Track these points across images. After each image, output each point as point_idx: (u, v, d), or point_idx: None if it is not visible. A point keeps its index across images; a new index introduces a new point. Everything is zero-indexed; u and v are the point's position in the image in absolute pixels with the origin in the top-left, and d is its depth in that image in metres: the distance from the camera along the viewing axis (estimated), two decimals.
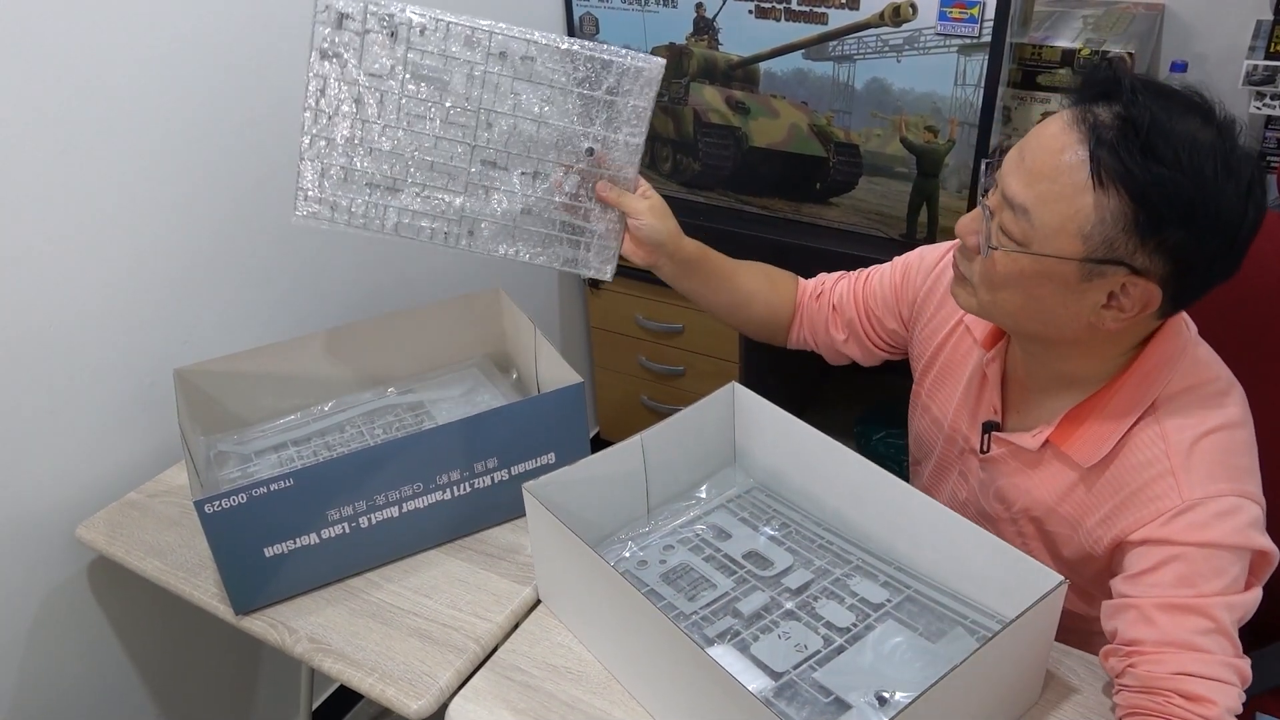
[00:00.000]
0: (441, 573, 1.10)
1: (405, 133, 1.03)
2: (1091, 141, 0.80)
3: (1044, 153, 0.83)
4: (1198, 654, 0.82)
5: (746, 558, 1.04)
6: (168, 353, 1.31)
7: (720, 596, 1.00)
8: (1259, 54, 1.61)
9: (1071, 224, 0.81)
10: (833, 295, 1.21)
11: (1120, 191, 0.79)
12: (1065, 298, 0.85)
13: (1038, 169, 0.83)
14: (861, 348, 1.20)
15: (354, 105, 1.02)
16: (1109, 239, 0.81)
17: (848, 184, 1.74)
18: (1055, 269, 0.84)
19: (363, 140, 1.03)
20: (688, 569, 1.03)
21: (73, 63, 1.13)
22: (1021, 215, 0.84)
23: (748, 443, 1.14)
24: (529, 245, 1.10)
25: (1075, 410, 0.94)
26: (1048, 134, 0.83)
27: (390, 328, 1.33)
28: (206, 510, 0.97)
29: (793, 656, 0.92)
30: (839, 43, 1.61)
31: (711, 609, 0.98)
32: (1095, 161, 0.79)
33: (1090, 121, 0.81)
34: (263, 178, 1.39)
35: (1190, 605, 0.83)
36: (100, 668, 1.35)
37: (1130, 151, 0.78)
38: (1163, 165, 0.78)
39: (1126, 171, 0.78)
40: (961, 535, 0.91)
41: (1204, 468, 0.86)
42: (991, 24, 1.46)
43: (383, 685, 0.97)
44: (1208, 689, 0.80)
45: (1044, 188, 0.82)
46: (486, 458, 1.11)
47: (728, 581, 1.01)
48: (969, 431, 1.06)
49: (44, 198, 1.14)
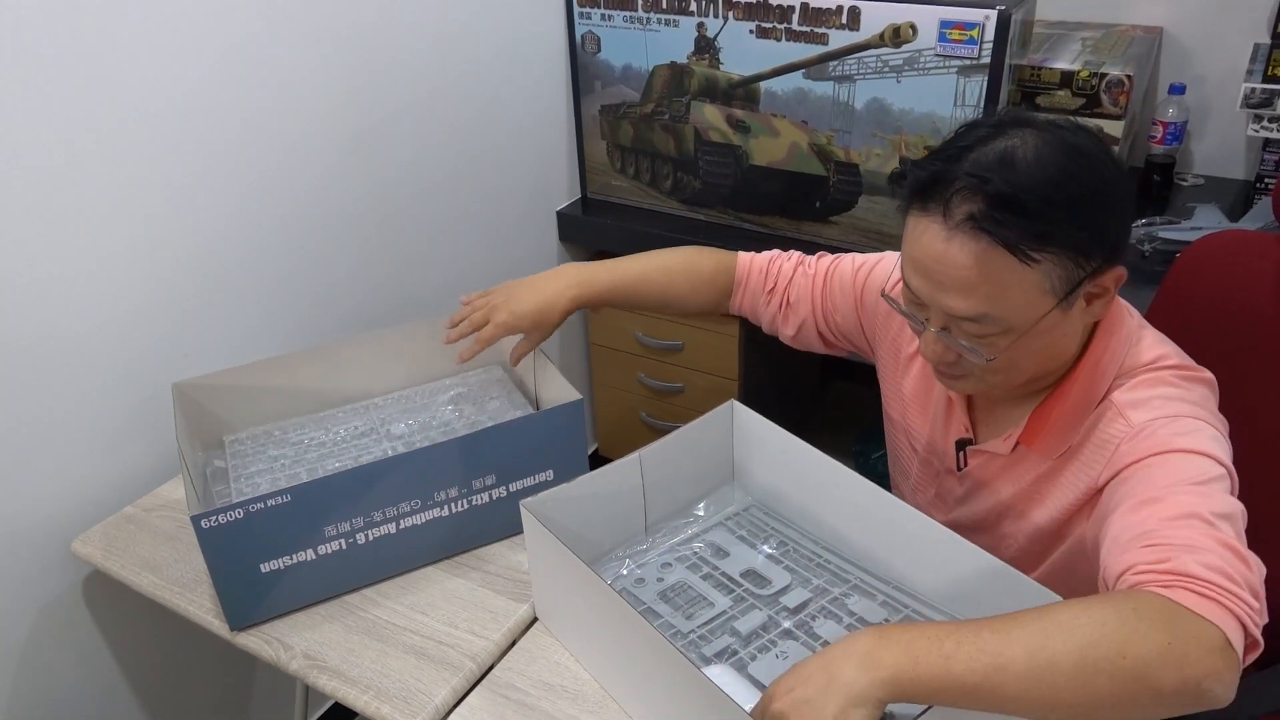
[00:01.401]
0: (438, 590, 1.10)
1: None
2: (989, 236, 0.83)
3: (956, 269, 0.85)
4: (1206, 531, 0.75)
5: (744, 576, 1.04)
6: (166, 367, 1.31)
7: (718, 615, 0.99)
8: (1257, 77, 1.62)
9: (1033, 294, 0.85)
10: (788, 289, 1.21)
11: (1047, 248, 0.83)
12: (1062, 328, 0.90)
13: (963, 284, 0.86)
14: (823, 343, 1.22)
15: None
16: (1066, 276, 0.85)
17: (848, 203, 1.74)
18: (1044, 323, 0.88)
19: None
20: (685, 587, 1.03)
21: (77, 80, 1.14)
22: (985, 321, 0.87)
23: (746, 460, 1.14)
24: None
25: (1039, 409, 0.97)
26: (941, 252, 0.85)
27: (390, 343, 1.33)
28: (203, 525, 0.97)
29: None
30: (839, 63, 1.62)
31: (709, 628, 0.98)
32: (1010, 248, 0.83)
33: (967, 223, 0.83)
34: (264, 193, 1.40)
35: (1158, 497, 0.80)
36: (94, 682, 1.35)
37: (1026, 219, 0.82)
38: (1054, 206, 0.82)
39: (1038, 234, 0.82)
40: (958, 554, 0.91)
41: (1158, 408, 0.89)
42: (990, 46, 1.47)
43: (378, 703, 0.96)
44: (1217, 560, 0.72)
45: (985, 291, 0.85)
46: (484, 475, 1.11)
47: (725, 600, 1.01)
48: (944, 453, 1.08)
49: (45, 212, 1.14)
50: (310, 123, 1.44)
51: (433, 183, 1.69)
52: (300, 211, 1.46)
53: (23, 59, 1.08)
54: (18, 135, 1.09)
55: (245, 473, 1.20)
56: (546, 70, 1.89)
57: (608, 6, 1.80)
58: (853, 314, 1.17)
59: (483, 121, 1.76)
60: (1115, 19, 1.87)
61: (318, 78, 1.43)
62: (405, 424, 1.29)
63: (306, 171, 1.45)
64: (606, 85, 1.90)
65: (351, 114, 1.50)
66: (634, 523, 1.08)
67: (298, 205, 1.45)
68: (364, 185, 1.56)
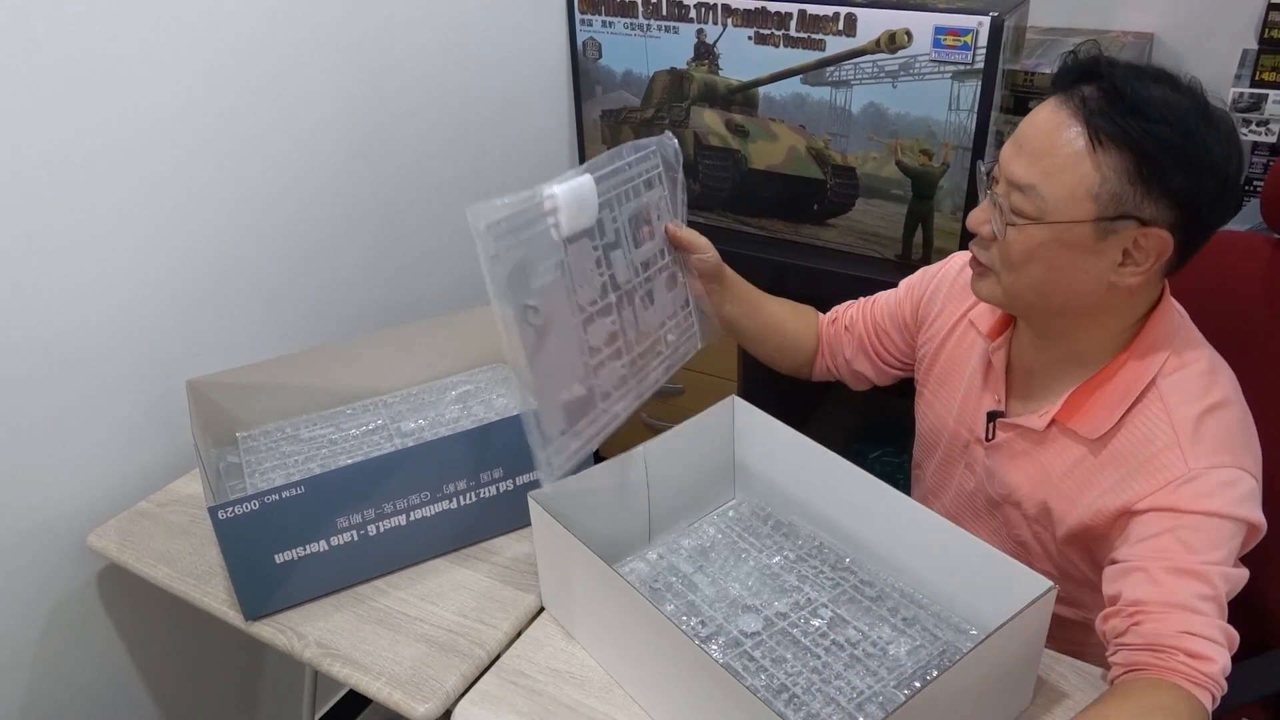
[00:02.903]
0: (447, 580, 1.13)
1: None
2: (1084, 113, 0.87)
3: (1039, 134, 0.90)
4: (1199, 616, 0.86)
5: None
6: (180, 364, 1.34)
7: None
8: (1245, 81, 1.66)
9: (1080, 189, 0.88)
10: (844, 319, 1.27)
11: (1119, 148, 0.86)
12: (1085, 261, 0.91)
13: (1037, 149, 0.90)
14: (873, 366, 1.25)
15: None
16: (1116, 195, 0.87)
17: (845, 205, 1.77)
18: (1071, 235, 0.89)
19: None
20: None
21: (94, 81, 1.17)
22: (1031, 193, 0.90)
23: (746, 455, 1.16)
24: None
25: (1080, 389, 0.99)
26: (1039, 118, 0.91)
27: (399, 340, 1.36)
28: (219, 516, 1.00)
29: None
30: (836, 68, 1.65)
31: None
32: (1091, 129, 0.86)
33: (1077, 97, 0.88)
34: (274, 195, 1.43)
35: (1194, 570, 0.87)
36: (109, 674, 1.37)
37: (1121, 113, 0.86)
38: (1152, 121, 0.85)
39: (1121, 130, 0.86)
40: (958, 545, 0.93)
41: (1208, 441, 0.91)
42: (984, 51, 1.50)
43: (390, 689, 0.99)
44: (1208, 648, 0.84)
45: (1047, 163, 0.89)
46: (492, 468, 1.14)
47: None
48: (974, 422, 1.09)
49: (61, 210, 1.17)
50: (318, 126, 1.47)
51: (437, 185, 1.72)
52: (308, 213, 1.49)
53: (37, 62, 1.11)
54: (32, 136, 1.12)
55: (259, 468, 1.23)
56: (548, 76, 1.92)
57: (609, 13, 1.83)
58: (895, 307, 1.22)
59: (486, 126, 1.79)
60: (1107, 25, 1.90)
61: (325, 83, 1.46)
62: (415, 421, 1.31)
63: (315, 174, 1.48)
64: (607, 91, 1.93)
65: (358, 118, 1.53)
66: (638, 515, 1.10)
67: (306, 207, 1.48)
68: (371, 187, 1.59)
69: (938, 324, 1.16)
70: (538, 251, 0.93)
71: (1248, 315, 1.20)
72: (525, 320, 0.91)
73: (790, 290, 1.32)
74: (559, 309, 0.96)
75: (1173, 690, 0.83)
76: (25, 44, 1.09)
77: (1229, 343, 1.11)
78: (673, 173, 1.11)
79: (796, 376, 1.32)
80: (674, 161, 1.11)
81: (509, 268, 0.89)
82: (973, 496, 1.12)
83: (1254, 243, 1.22)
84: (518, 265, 0.91)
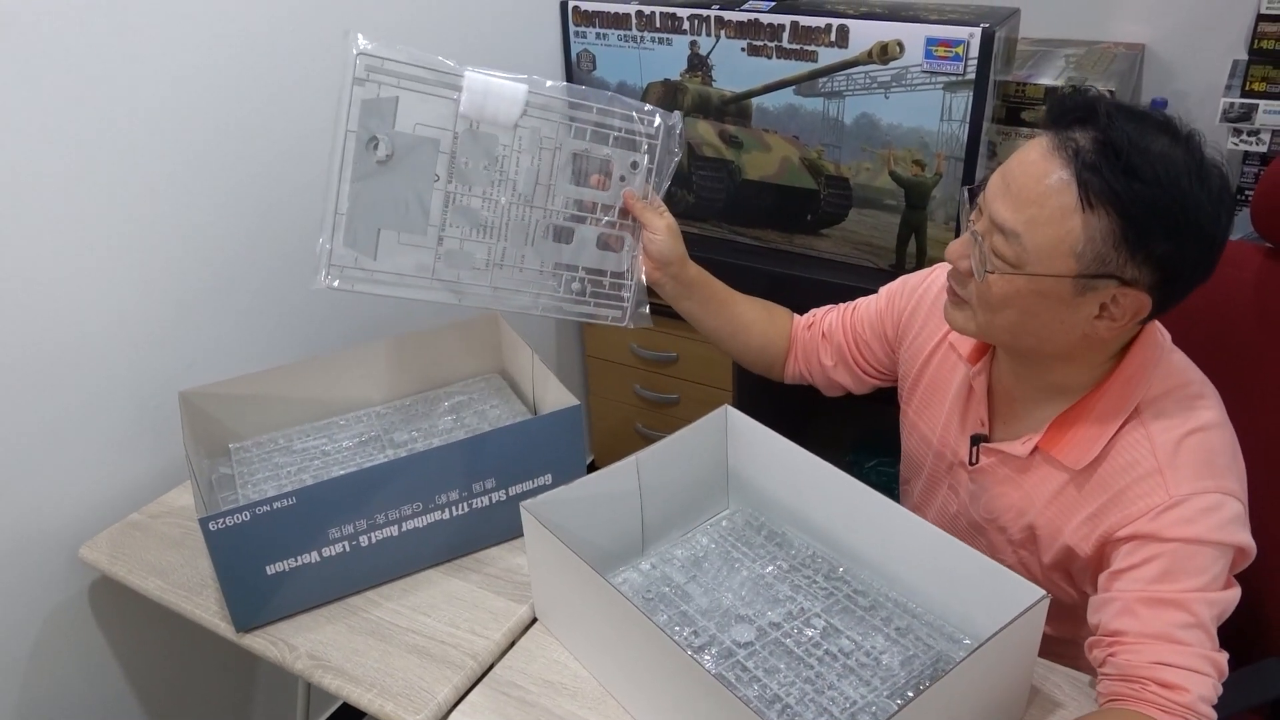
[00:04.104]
0: (439, 591, 1.12)
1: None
2: (1076, 166, 0.84)
3: (1028, 179, 0.87)
4: (1176, 645, 0.85)
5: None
6: (172, 375, 1.34)
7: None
8: (1235, 92, 1.66)
9: (1063, 245, 0.86)
10: (822, 324, 1.25)
11: (1107, 211, 0.84)
12: (1060, 313, 0.90)
13: (1024, 195, 0.87)
14: (851, 374, 1.24)
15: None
16: (1100, 255, 0.85)
17: (838, 216, 1.78)
18: (1050, 287, 0.88)
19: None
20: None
21: (87, 85, 1.17)
22: (1013, 239, 0.88)
23: (740, 464, 1.16)
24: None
25: (1062, 417, 0.98)
26: (1030, 159, 0.88)
27: (391, 351, 1.36)
28: (211, 528, 0.99)
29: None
30: (829, 79, 1.66)
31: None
32: (1082, 185, 0.84)
33: (1071, 147, 0.85)
34: (269, 202, 1.43)
35: (1171, 599, 0.86)
36: (100, 686, 1.37)
37: (1114, 173, 0.83)
38: (1144, 183, 0.83)
39: (1112, 192, 0.83)
40: (951, 555, 0.93)
41: (1189, 466, 0.90)
42: (976, 62, 1.51)
43: (381, 700, 0.99)
44: (1182, 678, 0.84)
45: (1033, 212, 0.86)
46: (485, 478, 1.14)
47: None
48: (957, 445, 1.09)
49: (53, 219, 1.17)
50: (315, 137, 1.47)
51: None
52: (303, 224, 1.49)
53: (31, 64, 1.11)
54: (25, 141, 1.12)
55: (251, 479, 1.22)
56: None
57: (603, 25, 1.84)
58: (876, 318, 1.20)
59: None
60: (1098, 36, 1.91)
61: (322, 93, 1.46)
62: (408, 432, 1.31)
63: (310, 186, 1.48)
64: None
65: None
66: (631, 525, 1.10)
67: (301, 218, 1.48)
68: None
69: (919, 342, 1.15)
70: (422, 105, 1.02)
71: (1239, 323, 1.20)
72: (368, 146, 1.02)
73: (784, 300, 1.31)
74: (417, 162, 1.04)
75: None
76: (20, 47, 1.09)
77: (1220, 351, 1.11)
78: (663, 147, 1.11)
79: (768, 377, 1.31)
80: (669, 137, 1.11)
81: (375, 96, 1.01)
82: (956, 519, 1.12)
83: (1245, 251, 1.23)
84: (388, 101, 1.01)
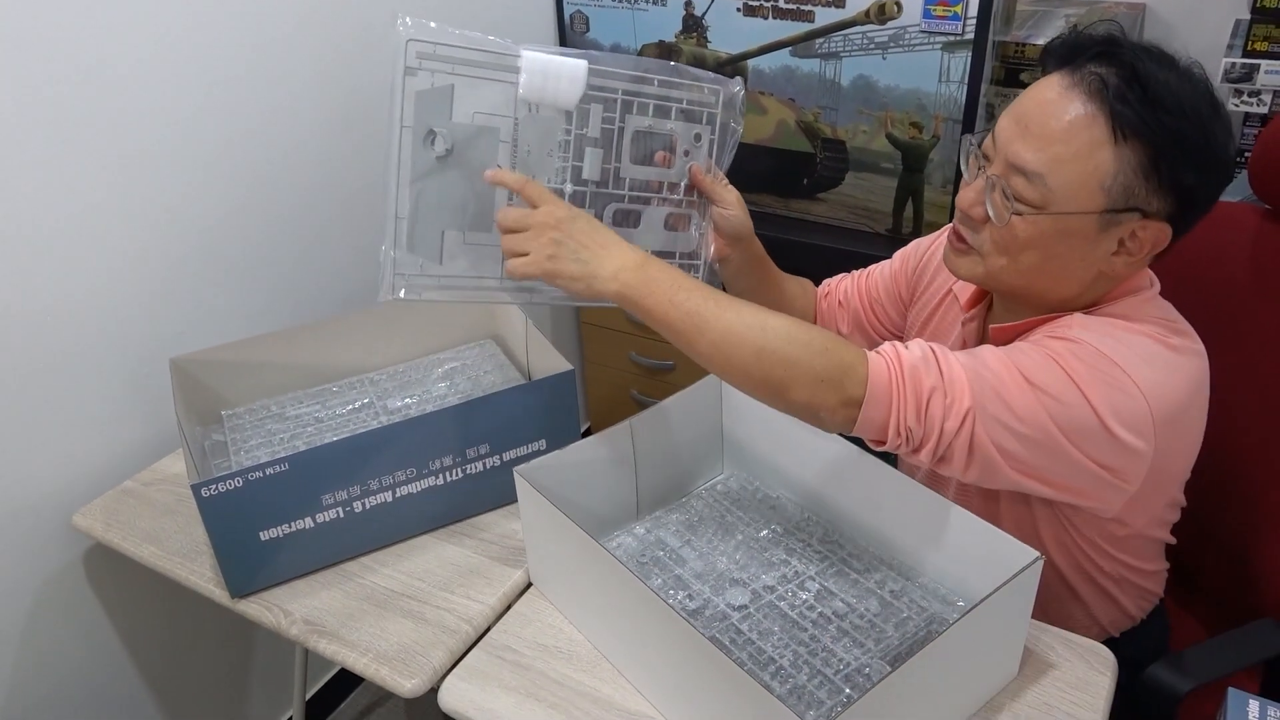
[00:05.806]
0: (434, 557, 1.12)
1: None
2: (1108, 98, 0.84)
3: (1048, 117, 0.86)
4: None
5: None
6: (164, 342, 1.33)
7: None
8: (1237, 52, 1.64)
9: (1092, 180, 0.85)
10: (838, 292, 1.26)
11: (1139, 143, 0.84)
12: (1082, 250, 0.89)
13: (1047, 133, 0.86)
14: (866, 339, 1.24)
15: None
16: (1128, 188, 0.85)
17: (835, 179, 1.76)
18: (1075, 225, 0.87)
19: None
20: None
21: (74, 54, 1.15)
22: (1035, 180, 0.87)
23: (735, 429, 1.16)
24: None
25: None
26: (1048, 99, 0.87)
27: (383, 318, 1.35)
28: (203, 494, 0.99)
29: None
30: (825, 40, 1.63)
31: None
32: (1115, 117, 0.83)
33: (1093, 82, 0.85)
34: (260, 169, 1.41)
35: (981, 357, 0.88)
36: (96, 654, 1.37)
37: (1144, 104, 0.83)
38: (1170, 114, 0.83)
39: (1143, 123, 0.83)
40: (945, 517, 0.93)
41: (1108, 335, 0.89)
42: (974, 22, 1.49)
43: (377, 665, 0.99)
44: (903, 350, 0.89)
45: (1058, 150, 0.86)
46: (479, 444, 1.13)
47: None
48: None
49: (42, 187, 1.16)
50: (305, 102, 1.45)
51: None
52: (295, 190, 1.48)
53: (21, 34, 1.09)
54: (14, 112, 1.11)
55: (244, 446, 1.22)
56: None
57: None
58: (890, 280, 1.20)
59: None
60: None
61: (311, 57, 1.44)
62: (402, 399, 1.31)
63: (302, 150, 1.47)
64: None
65: (344, 93, 1.51)
66: (626, 490, 1.10)
67: (292, 184, 1.47)
68: (357, 164, 1.57)
69: (927, 296, 1.16)
70: (480, 92, 0.95)
71: (1236, 285, 1.19)
72: (425, 142, 0.95)
73: (781, 265, 1.30)
74: (478, 154, 0.97)
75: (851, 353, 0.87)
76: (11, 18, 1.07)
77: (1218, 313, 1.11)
78: (725, 118, 1.06)
79: None
80: (731, 108, 1.06)
81: (429, 86, 0.94)
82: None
83: (1242, 213, 1.22)
84: (442, 90, 0.94)
